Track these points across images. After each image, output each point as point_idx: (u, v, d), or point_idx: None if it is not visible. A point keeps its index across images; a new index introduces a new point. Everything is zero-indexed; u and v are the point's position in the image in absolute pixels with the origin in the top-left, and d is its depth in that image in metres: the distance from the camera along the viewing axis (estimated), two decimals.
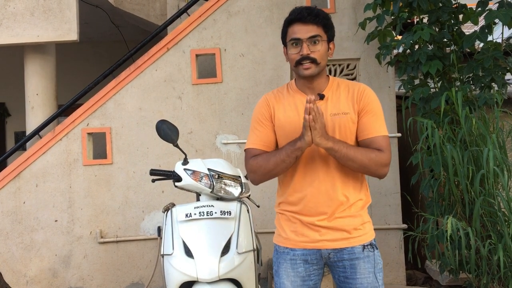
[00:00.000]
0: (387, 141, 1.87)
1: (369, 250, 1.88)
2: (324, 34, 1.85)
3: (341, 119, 1.85)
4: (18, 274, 3.96)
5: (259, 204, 3.00)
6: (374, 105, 1.89)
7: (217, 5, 4.07)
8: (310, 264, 1.90)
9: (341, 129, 1.85)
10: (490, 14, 3.09)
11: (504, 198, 2.80)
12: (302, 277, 1.91)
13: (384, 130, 1.88)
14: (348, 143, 1.82)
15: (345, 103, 1.88)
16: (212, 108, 4.05)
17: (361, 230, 1.89)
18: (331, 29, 1.88)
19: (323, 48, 1.84)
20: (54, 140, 4.01)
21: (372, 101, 1.90)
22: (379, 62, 3.88)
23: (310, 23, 1.83)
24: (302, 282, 1.91)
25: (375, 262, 1.88)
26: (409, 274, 4.11)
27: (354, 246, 1.86)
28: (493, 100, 3.15)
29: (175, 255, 2.32)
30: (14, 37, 4.16)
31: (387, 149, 1.85)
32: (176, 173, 2.49)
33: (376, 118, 1.88)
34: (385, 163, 1.83)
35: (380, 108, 1.92)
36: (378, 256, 1.91)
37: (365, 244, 1.88)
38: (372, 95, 1.91)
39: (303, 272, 1.90)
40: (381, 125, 1.88)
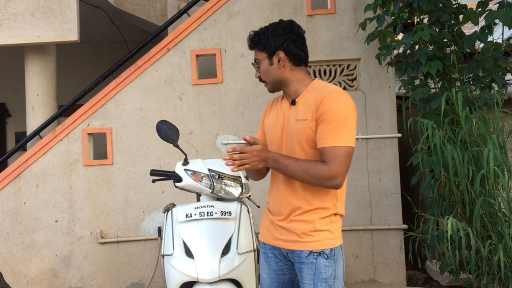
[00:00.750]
0: (335, 152, 1.78)
1: (313, 257, 1.84)
2: (261, 53, 1.96)
3: (300, 126, 1.88)
4: (18, 274, 3.96)
5: (259, 204, 2.99)
6: (331, 113, 1.81)
7: (218, 5, 4.08)
8: (279, 259, 1.98)
9: (299, 136, 1.89)
10: (490, 14, 3.09)
11: (505, 199, 2.80)
12: (275, 270, 2.00)
13: (339, 140, 1.79)
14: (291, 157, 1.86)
15: (309, 109, 1.88)
16: (212, 108, 4.05)
17: (313, 237, 1.85)
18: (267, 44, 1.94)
19: (263, 67, 1.97)
20: (55, 140, 4.02)
21: (329, 109, 1.81)
22: (379, 63, 3.88)
23: (253, 49, 2.01)
24: (276, 275, 2.00)
25: (317, 271, 1.83)
26: (409, 275, 4.11)
27: (302, 250, 1.86)
28: (493, 101, 3.15)
29: (175, 255, 2.32)
30: (14, 38, 4.16)
31: (336, 162, 1.78)
32: (177, 174, 2.49)
33: (330, 127, 1.80)
34: (327, 176, 1.78)
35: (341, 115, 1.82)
36: (323, 266, 1.84)
37: (313, 251, 1.85)
38: (331, 103, 1.82)
39: (275, 266, 2.00)
40: (335, 135, 1.79)
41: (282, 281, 1.99)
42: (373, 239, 3.96)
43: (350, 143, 1.81)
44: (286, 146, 1.94)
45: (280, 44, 1.92)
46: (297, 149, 1.89)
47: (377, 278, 3.95)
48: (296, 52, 1.94)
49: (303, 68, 1.98)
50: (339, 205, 1.91)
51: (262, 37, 1.96)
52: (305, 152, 1.89)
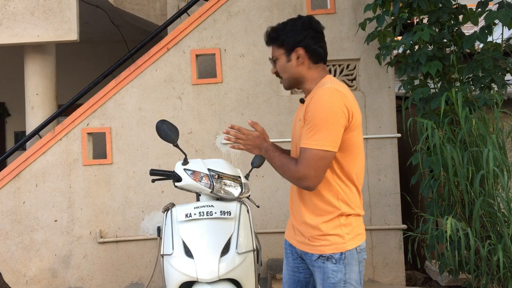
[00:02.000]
0: (305, 154, 1.76)
1: (321, 261, 1.82)
2: (279, 49, 1.92)
3: (298, 126, 1.91)
4: (17, 274, 3.96)
5: (259, 204, 3.00)
6: (313, 114, 1.76)
7: (217, 5, 4.08)
8: (295, 257, 1.99)
9: (297, 136, 1.91)
10: (490, 14, 3.09)
11: (504, 199, 2.80)
12: (292, 267, 2.01)
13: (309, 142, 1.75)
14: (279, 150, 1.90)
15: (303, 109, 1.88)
16: (212, 108, 4.05)
17: (321, 241, 1.83)
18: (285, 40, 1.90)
19: (281, 63, 1.93)
20: (54, 140, 4.01)
21: (313, 109, 1.77)
22: (379, 63, 3.88)
23: (270, 46, 1.97)
24: (292, 272, 2.01)
25: (324, 275, 1.82)
26: (408, 275, 4.12)
27: (312, 253, 1.86)
28: (493, 101, 3.16)
29: (175, 255, 2.32)
30: (14, 37, 4.16)
31: (302, 162, 1.75)
32: (176, 173, 2.49)
33: (309, 128, 1.77)
34: (295, 176, 1.77)
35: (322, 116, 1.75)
36: (331, 271, 1.80)
37: (321, 255, 1.83)
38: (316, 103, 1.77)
39: (292, 262, 2.01)
40: (311, 137, 1.75)
41: (297, 279, 1.99)
42: (372, 239, 3.96)
43: (322, 146, 1.73)
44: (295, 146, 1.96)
45: (300, 40, 1.87)
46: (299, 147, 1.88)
47: (377, 278, 3.95)
48: (316, 49, 1.89)
49: (320, 65, 1.92)
50: (342, 205, 1.83)
51: (281, 33, 1.91)
52: None
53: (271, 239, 4.00)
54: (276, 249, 4.00)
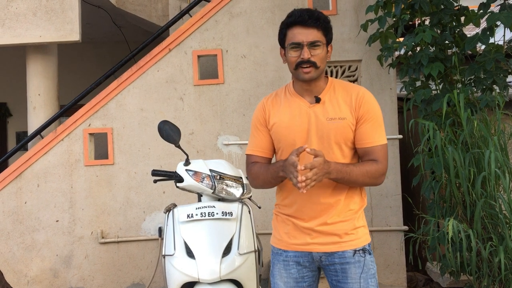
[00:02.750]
0: (384, 151, 1.86)
1: (360, 255, 1.85)
2: (324, 38, 1.84)
3: (338, 124, 1.83)
4: (19, 274, 3.96)
5: (260, 205, 3.00)
6: (374, 112, 1.87)
7: (219, 6, 4.08)
8: (303, 266, 1.91)
9: (337, 135, 1.84)
10: (492, 16, 3.09)
11: (506, 200, 2.80)
12: (295, 278, 1.92)
13: (382, 138, 1.87)
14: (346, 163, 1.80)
15: (343, 107, 1.85)
16: (213, 109, 4.05)
17: (353, 235, 1.86)
18: (330, 32, 1.87)
19: (323, 52, 1.83)
20: (56, 140, 4.02)
21: (371, 108, 1.87)
22: (380, 64, 3.88)
23: (311, 27, 1.80)
24: (295, 283, 1.92)
25: (366, 268, 1.85)
26: (410, 276, 4.11)
27: (345, 251, 1.84)
28: (495, 102, 3.16)
29: (176, 255, 2.33)
30: (16, 37, 4.17)
31: (384, 159, 1.85)
32: (178, 174, 2.49)
33: (375, 126, 1.86)
34: (382, 173, 1.84)
35: (380, 113, 1.90)
36: (370, 262, 1.87)
37: (356, 249, 1.85)
38: (371, 101, 1.89)
39: (295, 273, 1.92)
40: (380, 133, 1.87)
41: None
42: (373, 240, 3.96)
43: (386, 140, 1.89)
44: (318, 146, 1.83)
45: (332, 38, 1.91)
46: (334, 148, 1.84)
47: (378, 280, 3.94)
48: None
49: None
50: (365, 198, 1.95)
51: (328, 23, 1.87)
52: (342, 152, 1.85)
53: None
54: None
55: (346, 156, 1.86)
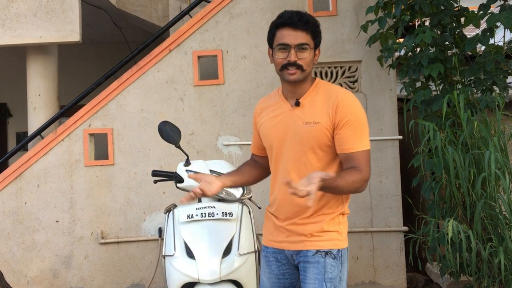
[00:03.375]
0: (365, 156, 1.81)
1: (320, 256, 1.83)
2: (312, 41, 1.83)
3: (312, 129, 1.82)
4: (19, 274, 3.96)
5: (261, 205, 3.01)
6: (352, 116, 1.80)
7: (219, 7, 4.08)
8: (281, 263, 1.95)
9: (310, 139, 1.83)
10: (492, 17, 3.09)
11: (506, 201, 2.80)
12: (276, 275, 1.97)
13: (363, 144, 1.81)
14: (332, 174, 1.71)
15: (319, 111, 1.84)
16: (213, 109, 4.05)
17: (319, 237, 1.85)
18: (318, 36, 1.87)
19: (310, 56, 1.83)
20: (56, 141, 4.02)
21: (348, 112, 1.80)
22: (380, 65, 3.88)
23: (299, 29, 1.81)
24: (277, 280, 1.97)
25: (325, 270, 1.82)
26: (409, 277, 4.11)
27: (308, 250, 1.85)
28: (495, 103, 3.16)
29: (176, 256, 2.33)
30: (16, 38, 4.17)
31: (366, 165, 1.80)
32: (178, 174, 2.50)
33: (354, 131, 1.80)
34: (365, 180, 1.80)
35: (361, 117, 1.83)
36: (330, 265, 1.82)
37: (319, 250, 1.83)
38: (350, 105, 1.82)
39: (276, 270, 1.97)
40: (360, 138, 1.80)
41: (283, 285, 1.97)
42: (373, 241, 3.96)
43: (368, 145, 1.85)
44: (293, 150, 1.86)
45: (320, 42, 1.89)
46: (308, 153, 1.84)
47: (378, 280, 3.95)
48: None
49: None
50: (345, 204, 1.91)
51: (317, 27, 1.86)
52: (317, 156, 1.84)
53: None
54: None
55: (321, 160, 1.85)
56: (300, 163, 1.86)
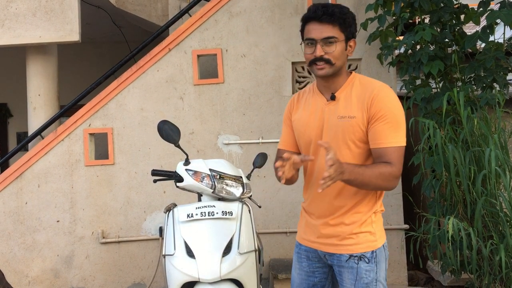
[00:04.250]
0: (398, 153, 1.75)
1: (354, 261, 1.79)
2: (341, 34, 1.77)
3: (346, 123, 1.78)
4: (20, 274, 3.97)
5: (261, 204, 3.00)
6: (387, 111, 1.74)
7: (219, 5, 4.08)
8: (312, 261, 1.94)
9: (344, 134, 1.79)
10: (492, 14, 3.08)
11: (506, 199, 2.80)
12: (306, 272, 1.96)
13: (397, 140, 1.74)
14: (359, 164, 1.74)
15: (355, 106, 1.78)
16: (213, 108, 4.05)
17: (352, 239, 1.81)
18: (349, 27, 1.80)
19: (338, 49, 1.77)
20: (56, 140, 4.02)
21: (384, 107, 1.74)
22: (380, 63, 3.87)
23: (325, 23, 1.76)
24: (306, 276, 1.96)
25: (357, 275, 1.78)
26: (410, 275, 4.11)
27: (341, 254, 1.82)
28: (495, 100, 3.15)
29: (176, 255, 2.32)
30: (16, 38, 4.17)
31: (398, 161, 1.74)
32: (178, 174, 2.49)
33: (388, 126, 1.73)
34: (396, 176, 1.74)
35: (397, 113, 1.76)
36: (365, 270, 1.79)
37: (352, 254, 1.80)
38: (386, 100, 1.76)
39: (306, 267, 1.96)
40: (394, 134, 1.74)
41: (312, 283, 1.95)
42: None
43: (404, 142, 1.78)
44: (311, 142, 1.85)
45: (354, 32, 1.83)
46: (342, 148, 1.79)
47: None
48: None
49: None
50: (379, 203, 1.86)
51: (347, 17, 1.79)
52: (351, 152, 1.79)
53: (273, 239, 4.00)
54: (278, 249, 4.01)
55: (356, 156, 1.80)
56: None
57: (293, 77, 4.08)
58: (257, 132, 4.03)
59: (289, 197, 4.00)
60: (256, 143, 4.02)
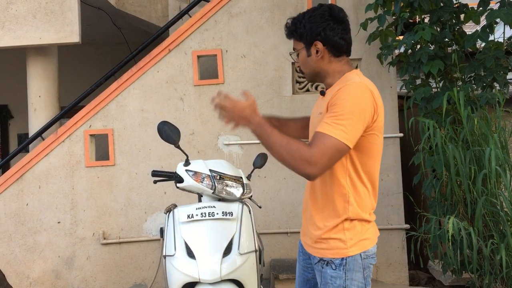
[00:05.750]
0: (324, 140, 1.58)
1: (321, 265, 1.77)
2: (299, 43, 1.81)
3: (318, 119, 1.78)
4: (21, 275, 3.97)
5: (261, 205, 3.00)
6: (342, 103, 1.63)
7: (219, 6, 4.08)
8: (306, 257, 1.96)
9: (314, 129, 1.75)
10: (492, 13, 3.08)
11: (507, 198, 2.80)
12: (302, 266, 2.00)
13: (331, 129, 1.59)
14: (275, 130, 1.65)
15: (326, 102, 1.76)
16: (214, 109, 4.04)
17: (323, 244, 1.77)
18: (304, 34, 1.77)
19: (301, 57, 1.84)
20: (57, 142, 4.03)
21: (342, 99, 1.64)
22: (380, 62, 3.87)
23: (291, 38, 1.87)
24: (302, 271, 2.00)
25: (323, 280, 1.76)
26: (411, 274, 4.11)
27: (314, 256, 1.82)
28: (495, 100, 3.15)
29: (177, 256, 2.32)
30: (16, 40, 4.17)
31: (321, 148, 1.58)
32: (178, 174, 2.49)
33: (334, 115, 1.62)
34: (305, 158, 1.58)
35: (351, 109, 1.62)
36: (330, 276, 1.73)
37: (322, 258, 1.77)
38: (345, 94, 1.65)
39: (302, 261, 1.99)
40: (335, 124, 1.60)
41: (306, 278, 1.97)
42: None
43: (343, 138, 1.59)
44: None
45: (318, 33, 1.74)
46: None
47: (380, 278, 3.94)
48: (336, 41, 1.77)
49: (343, 59, 1.82)
50: (350, 209, 1.75)
51: (299, 25, 1.79)
52: None
53: (273, 240, 4.00)
54: (278, 250, 4.01)
55: None
56: None
57: (293, 77, 4.08)
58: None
59: (290, 198, 4.00)
60: (256, 143, 4.01)
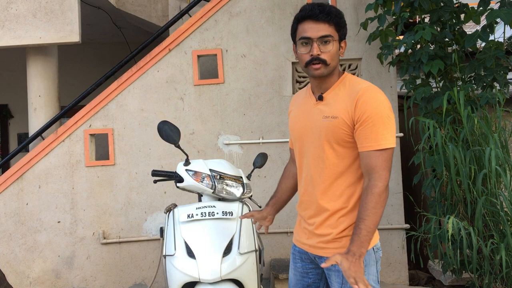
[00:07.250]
0: (384, 157, 1.67)
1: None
2: (336, 33, 1.76)
3: (329, 123, 1.76)
4: (21, 275, 3.97)
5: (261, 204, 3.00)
6: (373, 112, 1.68)
7: (219, 6, 4.08)
8: (305, 262, 1.95)
9: (328, 134, 1.77)
10: (492, 13, 3.08)
11: (507, 198, 2.79)
12: (300, 272, 1.98)
13: (383, 142, 1.67)
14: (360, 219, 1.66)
15: (339, 106, 1.76)
16: (214, 108, 4.05)
17: (338, 243, 1.79)
18: (343, 28, 1.79)
19: (334, 49, 1.75)
20: (57, 141, 4.03)
21: (368, 108, 1.69)
22: (381, 62, 3.87)
23: (321, 22, 1.73)
24: (301, 277, 1.98)
25: (343, 279, 1.76)
26: (411, 274, 4.11)
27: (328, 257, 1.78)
28: (495, 100, 3.15)
29: (177, 255, 2.33)
30: (16, 39, 4.17)
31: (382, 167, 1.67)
32: (178, 174, 2.49)
33: (372, 128, 1.68)
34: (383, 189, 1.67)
35: (384, 113, 1.69)
36: None
37: None
38: (370, 101, 1.70)
39: (301, 268, 1.97)
40: (380, 136, 1.68)
41: (306, 284, 1.96)
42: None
43: (392, 143, 1.69)
44: (313, 145, 1.82)
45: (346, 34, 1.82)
46: (326, 148, 1.78)
47: (380, 278, 3.94)
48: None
49: None
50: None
51: (342, 18, 1.78)
52: (335, 152, 1.77)
53: (273, 239, 4.00)
54: (278, 249, 4.01)
55: (340, 157, 1.77)
56: (318, 158, 1.81)
57: (293, 77, 4.08)
58: (258, 132, 4.03)
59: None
60: (256, 143, 4.02)
